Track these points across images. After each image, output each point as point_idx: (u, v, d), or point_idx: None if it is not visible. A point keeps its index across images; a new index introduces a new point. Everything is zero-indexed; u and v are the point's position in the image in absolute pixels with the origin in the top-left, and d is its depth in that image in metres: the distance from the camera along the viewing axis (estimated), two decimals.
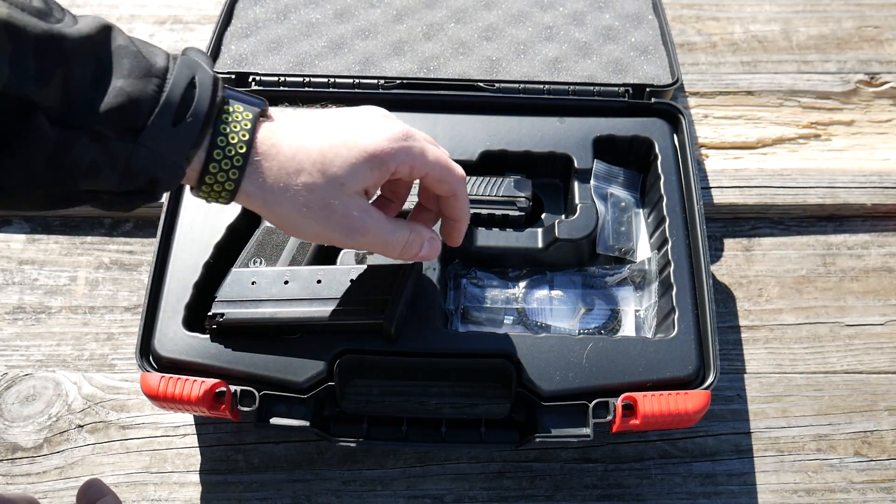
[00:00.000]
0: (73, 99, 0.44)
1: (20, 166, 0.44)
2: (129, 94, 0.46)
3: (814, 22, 1.03)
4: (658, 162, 0.76)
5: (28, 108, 0.43)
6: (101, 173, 0.46)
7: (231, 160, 0.50)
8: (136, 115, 0.46)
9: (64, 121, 0.44)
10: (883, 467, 0.72)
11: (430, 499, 0.69)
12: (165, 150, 0.48)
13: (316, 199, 0.52)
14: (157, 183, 0.49)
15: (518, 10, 0.89)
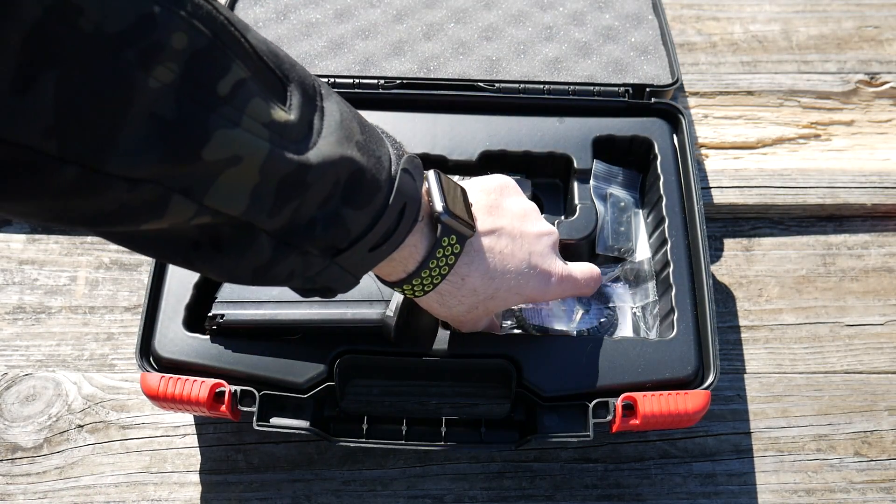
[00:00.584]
0: (297, 222, 0.44)
1: (227, 265, 0.45)
2: (347, 224, 0.46)
3: (814, 22, 1.03)
4: (658, 162, 0.76)
5: (253, 226, 0.43)
6: (293, 279, 0.48)
7: (432, 279, 0.56)
8: (344, 240, 0.47)
9: (283, 239, 0.45)
10: (883, 467, 0.72)
11: (430, 499, 0.69)
12: (353, 269, 0.50)
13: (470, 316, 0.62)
14: (331, 291, 0.52)
15: (518, 10, 0.89)
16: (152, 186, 0.37)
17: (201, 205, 0.39)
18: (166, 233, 0.41)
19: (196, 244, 0.43)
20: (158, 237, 0.42)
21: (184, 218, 0.40)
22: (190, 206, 0.39)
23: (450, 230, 0.54)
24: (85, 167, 0.34)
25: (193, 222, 0.40)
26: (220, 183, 0.39)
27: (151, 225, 0.40)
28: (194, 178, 0.38)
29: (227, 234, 0.43)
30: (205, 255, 0.44)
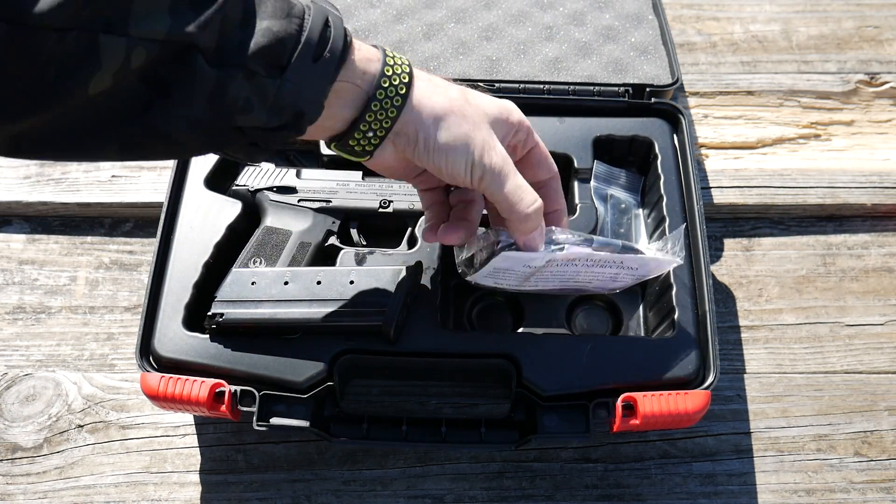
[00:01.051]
0: (227, 40, 0.47)
1: (182, 108, 0.47)
2: (276, 34, 0.49)
3: (814, 22, 1.03)
4: (658, 162, 0.76)
5: (188, 51, 0.45)
6: (254, 109, 0.49)
7: (391, 100, 0.54)
8: (282, 53, 0.49)
9: (220, 61, 0.47)
10: (883, 467, 0.72)
11: (430, 499, 0.69)
12: (308, 84, 0.51)
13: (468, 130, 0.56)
14: (301, 116, 0.52)
15: (518, 10, 0.89)
16: (77, 33, 0.40)
17: (129, 36, 0.42)
18: (117, 98, 0.44)
19: (147, 104, 0.45)
20: (114, 110, 0.45)
21: (119, 60, 0.42)
22: (119, 43, 0.42)
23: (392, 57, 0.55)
24: (10, 23, 0.38)
25: (133, 64, 0.43)
26: (136, 6, 0.42)
27: (97, 83, 0.42)
28: (110, 9, 0.41)
29: (170, 74, 0.45)
30: (160, 111, 0.46)
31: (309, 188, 0.75)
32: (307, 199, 0.74)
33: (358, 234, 0.74)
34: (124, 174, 0.87)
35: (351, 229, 0.74)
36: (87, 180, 0.86)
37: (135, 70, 0.43)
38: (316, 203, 0.74)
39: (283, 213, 0.73)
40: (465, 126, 0.56)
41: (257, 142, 0.53)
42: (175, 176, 0.75)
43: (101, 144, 0.47)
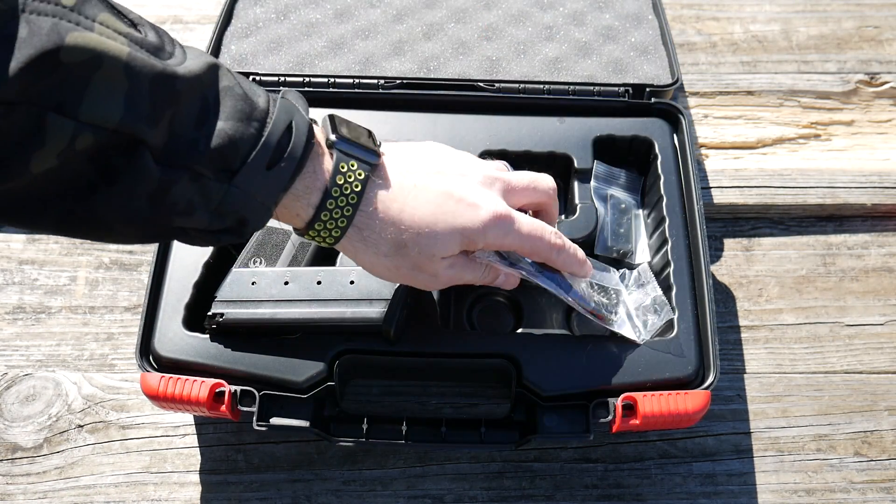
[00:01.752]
0: (177, 138, 0.45)
1: (122, 200, 0.45)
2: (231, 137, 0.47)
3: (814, 22, 1.03)
4: (658, 162, 0.76)
5: (135, 145, 0.44)
6: (196, 212, 0.48)
7: (342, 211, 0.53)
8: (235, 157, 0.47)
9: (168, 160, 0.45)
10: (883, 467, 0.72)
11: (430, 499, 0.69)
12: (257, 192, 0.49)
13: (407, 262, 0.57)
14: (245, 223, 0.50)
15: (518, 10, 0.89)
16: (26, 107, 0.38)
17: (77, 120, 0.40)
18: (62, 176, 0.42)
19: (92, 185, 0.44)
20: (58, 186, 0.43)
21: (64, 141, 0.40)
22: (67, 125, 0.40)
23: (348, 155, 0.53)
24: None
25: (78, 146, 0.41)
26: (91, 91, 0.40)
27: (40, 160, 0.40)
28: (63, 90, 0.39)
29: (117, 164, 0.43)
30: (103, 196, 0.44)
31: None
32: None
33: None
34: None
35: None
36: None
37: (80, 152, 0.42)
38: None
39: None
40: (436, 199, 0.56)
41: (196, 241, 0.51)
42: None
43: (38, 219, 0.45)
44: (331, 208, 0.53)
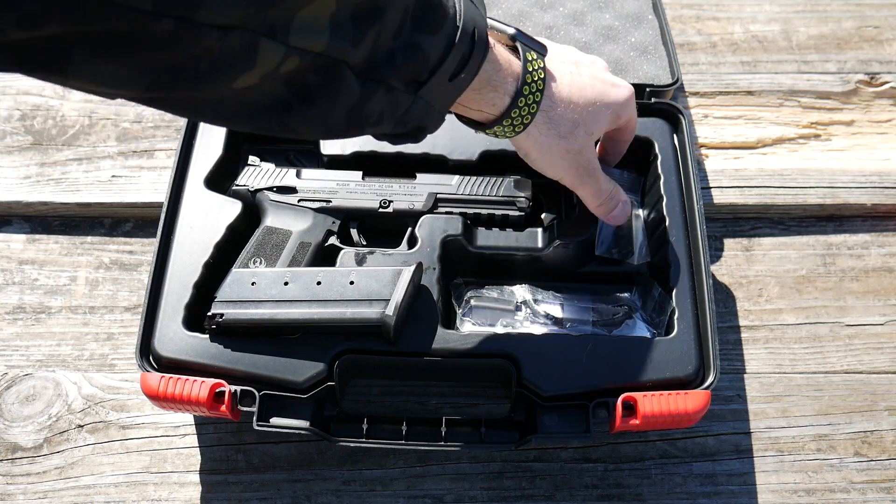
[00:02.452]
0: (377, 54, 0.47)
1: (321, 117, 0.47)
2: (424, 50, 0.48)
3: (814, 22, 1.03)
4: (658, 162, 0.76)
5: (336, 65, 0.45)
6: (384, 122, 0.50)
7: (533, 96, 0.58)
8: (424, 70, 0.49)
9: (367, 74, 0.47)
10: (883, 467, 0.72)
11: (430, 499, 0.69)
12: (436, 101, 0.52)
13: (577, 144, 0.62)
14: (423, 130, 0.54)
15: (518, 10, 0.89)
16: (240, 33, 0.40)
17: (287, 45, 0.42)
18: (258, 95, 0.44)
19: (287, 105, 0.46)
20: (253, 104, 0.45)
21: (273, 64, 0.42)
22: (277, 49, 0.41)
23: (528, 46, 0.58)
24: (178, 18, 0.37)
25: (282, 69, 0.43)
26: (301, 18, 0.41)
27: (244, 80, 0.42)
28: (277, 18, 0.40)
29: (315, 83, 0.45)
30: (298, 114, 0.47)
31: (309, 188, 0.75)
32: (307, 199, 0.74)
33: (358, 234, 0.74)
34: (124, 174, 0.87)
35: (351, 229, 0.74)
36: (88, 180, 0.86)
37: (282, 74, 0.43)
38: (316, 203, 0.74)
39: (283, 213, 0.73)
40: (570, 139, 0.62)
41: (377, 136, 0.55)
42: (175, 176, 0.75)
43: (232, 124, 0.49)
44: (525, 94, 0.57)
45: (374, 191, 0.75)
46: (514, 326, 0.71)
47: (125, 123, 0.91)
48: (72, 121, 0.91)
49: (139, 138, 0.90)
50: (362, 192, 0.75)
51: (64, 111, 0.92)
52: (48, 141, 0.90)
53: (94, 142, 0.90)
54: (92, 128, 0.91)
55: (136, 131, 0.91)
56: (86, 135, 0.90)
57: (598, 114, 0.62)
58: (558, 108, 0.60)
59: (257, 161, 0.77)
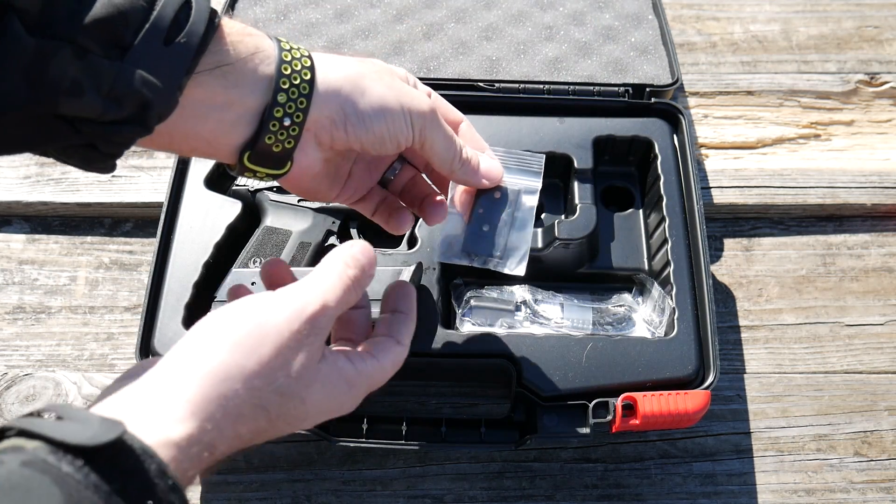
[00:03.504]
0: (54, 6, 0.40)
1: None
2: (117, 6, 0.41)
3: (814, 22, 1.03)
4: (658, 162, 0.76)
5: (3, 11, 0.38)
6: (85, 95, 0.41)
7: (300, 74, 0.47)
8: (124, 31, 0.42)
9: (44, 29, 0.40)
10: (883, 467, 0.72)
11: (430, 499, 0.69)
12: (159, 74, 0.43)
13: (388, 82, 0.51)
14: (147, 107, 0.43)
15: (518, 10, 0.89)
16: None
17: None
18: None
19: None
20: None
21: None
22: None
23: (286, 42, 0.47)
24: None
25: None
26: None
27: None
28: None
29: None
30: None
31: None
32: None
33: (358, 234, 0.74)
34: (124, 174, 0.87)
35: (351, 229, 0.74)
36: (87, 180, 0.86)
37: None
38: (316, 203, 0.74)
39: (283, 213, 0.73)
40: (384, 81, 0.50)
41: (94, 143, 0.44)
42: (175, 176, 0.75)
43: None
44: (285, 88, 0.47)
45: None
46: (514, 326, 0.71)
47: None
48: None
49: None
50: None
51: None
52: None
53: None
54: None
55: None
56: None
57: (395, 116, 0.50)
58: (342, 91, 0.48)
59: None
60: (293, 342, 0.43)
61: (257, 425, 0.43)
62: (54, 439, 0.34)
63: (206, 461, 0.40)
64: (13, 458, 0.33)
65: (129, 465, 0.35)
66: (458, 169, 0.56)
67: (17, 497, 0.31)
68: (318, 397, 0.45)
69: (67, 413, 0.36)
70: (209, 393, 0.40)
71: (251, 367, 0.42)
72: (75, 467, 0.33)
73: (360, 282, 0.48)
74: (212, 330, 0.43)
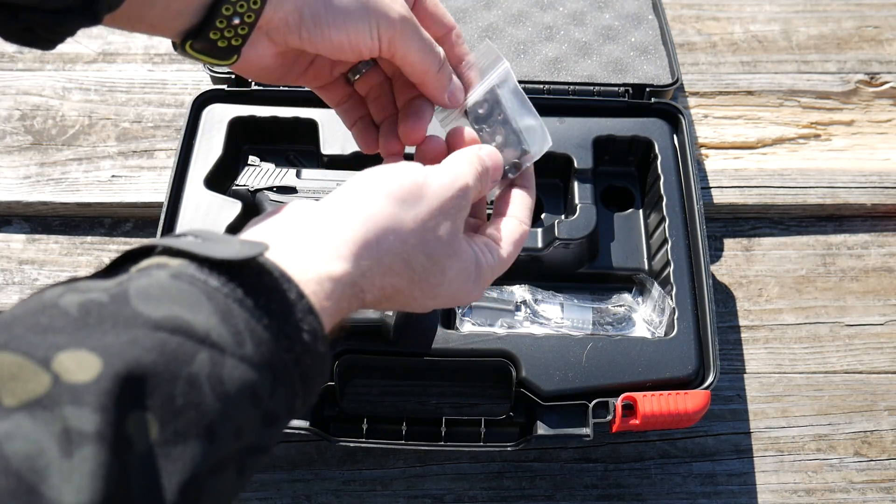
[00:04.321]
0: None
1: None
2: None
3: (814, 22, 1.03)
4: (658, 162, 0.76)
5: None
6: None
7: None
8: None
9: None
10: (883, 467, 0.72)
11: (430, 499, 0.69)
12: None
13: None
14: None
15: (518, 10, 0.89)
16: None
17: None
18: None
19: None
20: None
21: None
22: None
23: None
24: None
25: None
26: None
27: None
28: None
29: None
30: None
31: (309, 188, 0.75)
32: (307, 199, 0.74)
33: None
34: (124, 174, 0.87)
35: None
36: (87, 180, 0.86)
37: None
38: None
39: None
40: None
41: (34, 28, 0.41)
42: (175, 176, 0.75)
43: None
44: None
45: None
46: (514, 326, 0.71)
47: (125, 123, 0.91)
48: (72, 121, 0.91)
49: (139, 138, 0.90)
50: None
51: (64, 111, 0.92)
52: (48, 141, 0.90)
53: (94, 142, 0.90)
54: (92, 128, 0.91)
55: (136, 131, 0.91)
56: (86, 135, 0.90)
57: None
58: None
59: (257, 161, 0.77)
60: (446, 207, 0.44)
61: (400, 282, 0.43)
62: (199, 255, 0.34)
63: (355, 305, 0.41)
64: (161, 271, 0.33)
65: (270, 283, 0.36)
66: (435, 77, 0.51)
67: (170, 303, 0.32)
68: (455, 272, 0.46)
69: (208, 236, 0.36)
70: (368, 238, 0.41)
71: (407, 222, 0.42)
72: (221, 282, 0.34)
73: (486, 176, 0.48)
74: (371, 182, 0.43)
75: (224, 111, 0.79)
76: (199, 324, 0.32)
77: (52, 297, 0.31)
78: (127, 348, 0.30)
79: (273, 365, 0.34)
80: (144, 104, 0.93)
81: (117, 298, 0.31)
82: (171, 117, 0.91)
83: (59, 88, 0.93)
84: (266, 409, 0.34)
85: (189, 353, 0.31)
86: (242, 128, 0.79)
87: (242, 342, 0.33)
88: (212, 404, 0.31)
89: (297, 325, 0.36)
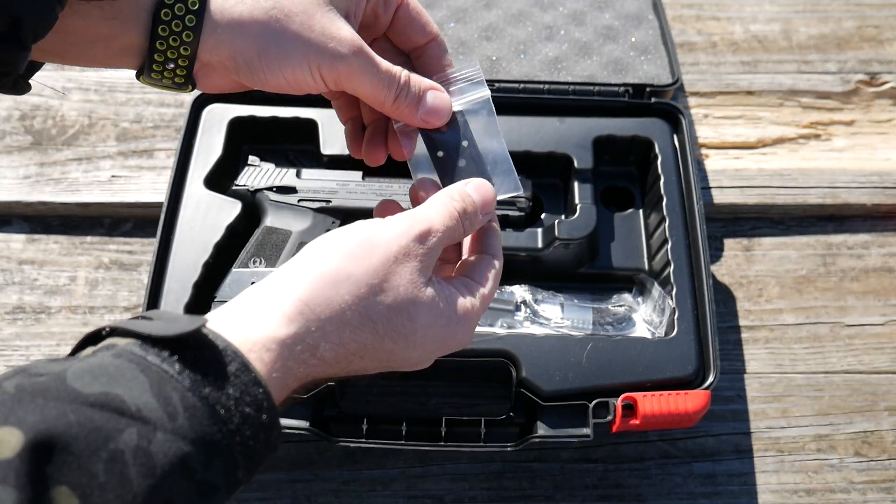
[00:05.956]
0: None
1: None
2: None
3: (814, 22, 1.02)
4: (658, 162, 0.76)
5: None
6: None
7: (183, 20, 0.44)
8: None
9: None
10: (883, 467, 0.72)
11: (430, 499, 0.69)
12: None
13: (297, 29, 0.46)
14: (19, 24, 0.40)
15: (518, 10, 0.89)
16: None
17: None
18: None
19: None
20: None
21: None
22: None
23: None
24: None
25: None
26: None
27: None
28: None
29: None
30: None
31: (309, 188, 0.75)
32: (307, 199, 0.74)
33: None
34: (124, 174, 0.87)
35: None
36: (87, 180, 0.86)
37: None
38: (316, 203, 0.74)
39: (283, 213, 0.73)
40: (292, 25, 0.45)
41: None
42: (175, 176, 0.75)
43: None
44: (167, 20, 0.43)
45: (373, 191, 0.75)
46: (514, 326, 0.71)
47: (125, 123, 0.91)
48: (71, 121, 0.91)
49: (139, 138, 0.90)
50: (362, 192, 0.75)
51: (63, 111, 0.92)
52: (48, 141, 0.90)
53: (94, 142, 0.90)
54: (91, 128, 0.91)
55: (136, 131, 0.91)
56: (85, 135, 0.90)
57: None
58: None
59: (257, 161, 0.77)
60: (400, 255, 0.44)
61: (363, 335, 0.43)
62: (142, 333, 0.36)
63: (312, 363, 0.41)
64: (107, 352, 0.36)
65: (210, 357, 0.37)
66: (391, 108, 0.50)
67: (105, 381, 0.34)
68: (426, 318, 0.45)
69: (160, 315, 0.39)
70: (316, 294, 0.41)
71: (357, 274, 0.43)
72: (161, 358, 0.36)
73: (466, 214, 0.48)
74: (323, 244, 0.44)
75: (224, 111, 0.79)
76: (132, 399, 0.34)
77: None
78: (49, 421, 0.31)
79: (208, 437, 0.35)
80: (144, 104, 0.93)
81: (56, 377, 0.33)
82: (170, 117, 0.91)
83: (59, 88, 0.93)
84: (201, 480, 0.35)
85: (115, 427, 0.33)
86: (242, 128, 0.79)
87: (175, 416, 0.34)
88: (136, 479, 0.32)
89: (237, 397, 0.37)
